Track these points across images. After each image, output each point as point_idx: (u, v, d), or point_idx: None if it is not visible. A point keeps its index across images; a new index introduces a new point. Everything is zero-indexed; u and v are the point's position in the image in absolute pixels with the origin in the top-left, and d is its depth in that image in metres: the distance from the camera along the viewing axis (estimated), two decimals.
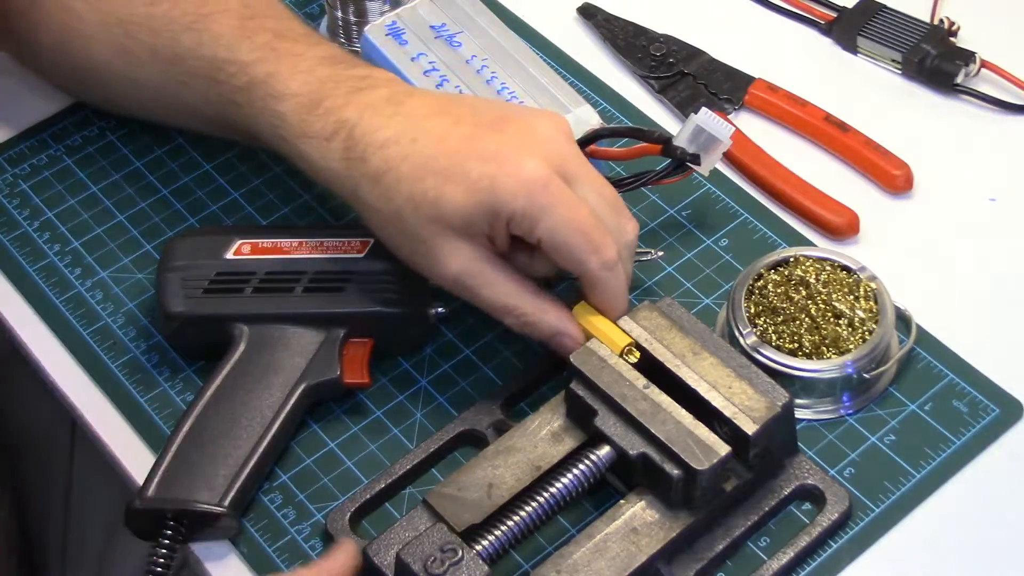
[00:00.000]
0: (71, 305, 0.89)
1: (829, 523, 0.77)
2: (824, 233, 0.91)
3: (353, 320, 0.83)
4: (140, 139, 0.98)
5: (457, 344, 0.87)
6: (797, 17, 1.04)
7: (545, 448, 0.77)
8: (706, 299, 0.88)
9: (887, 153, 0.93)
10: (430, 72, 0.93)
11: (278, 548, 0.79)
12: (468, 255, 0.78)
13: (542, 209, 0.76)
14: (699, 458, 0.73)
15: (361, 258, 0.84)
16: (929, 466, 0.80)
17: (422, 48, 0.95)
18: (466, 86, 0.92)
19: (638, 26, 1.02)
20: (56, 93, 1.00)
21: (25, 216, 0.94)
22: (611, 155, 0.90)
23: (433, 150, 0.78)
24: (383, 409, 0.84)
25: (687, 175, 0.87)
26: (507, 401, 0.83)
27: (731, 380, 0.76)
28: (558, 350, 0.80)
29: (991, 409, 0.82)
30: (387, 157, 0.78)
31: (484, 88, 0.92)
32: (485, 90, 0.92)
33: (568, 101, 0.91)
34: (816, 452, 0.81)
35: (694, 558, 0.76)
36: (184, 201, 0.95)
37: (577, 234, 0.77)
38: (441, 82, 0.93)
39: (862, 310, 0.83)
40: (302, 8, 1.05)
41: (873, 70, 1.00)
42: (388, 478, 0.80)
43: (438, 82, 0.93)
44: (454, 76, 0.93)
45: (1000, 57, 0.98)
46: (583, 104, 0.91)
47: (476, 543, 0.73)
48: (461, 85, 0.92)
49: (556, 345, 0.80)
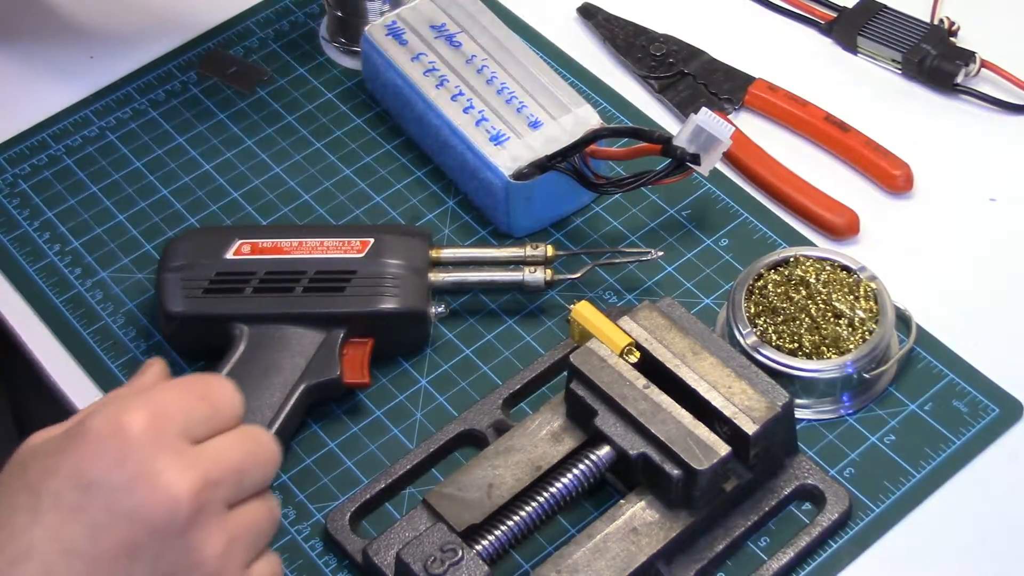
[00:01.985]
0: (71, 305, 0.89)
1: (829, 523, 0.77)
2: (824, 233, 0.91)
3: (353, 320, 0.83)
4: (140, 139, 0.98)
5: (457, 344, 0.87)
6: (797, 17, 1.04)
7: (545, 448, 0.77)
8: (706, 299, 0.88)
9: (887, 153, 0.93)
10: (430, 72, 0.93)
11: (278, 548, 0.79)
12: None
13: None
14: (699, 458, 0.73)
15: (361, 258, 0.84)
16: (929, 466, 0.80)
17: (422, 48, 0.95)
18: (466, 86, 0.92)
19: (638, 26, 1.02)
20: (56, 93, 1.00)
21: (25, 216, 0.94)
22: (611, 155, 0.90)
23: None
24: (383, 409, 0.84)
25: (687, 175, 0.87)
26: (507, 401, 0.83)
27: (731, 380, 0.76)
28: None
29: (991, 409, 0.82)
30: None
31: (485, 87, 0.92)
32: (486, 89, 0.92)
33: (568, 101, 0.91)
34: (816, 452, 0.81)
35: (694, 558, 0.76)
36: (184, 201, 0.95)
37: None
38: (441, 82, 0.93)
39: (862, 310, 0.83)
40: (302, 8, 1.05)
41: (873, 70, 1.00)
42: (388, 478, 0.80)
43: (438, 82, 0.93)
44: (454, 76, 0.93)
45: (1000, 57, 0.98)
46: (583, 104, 0.91)
47: (476, 543, 0.73)
48: (461, 85, 0.92)
49: None
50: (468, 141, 0.90)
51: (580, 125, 0.90)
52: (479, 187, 0.91)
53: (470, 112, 0.91)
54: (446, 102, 0.92)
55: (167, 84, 1.01)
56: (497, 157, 0.89)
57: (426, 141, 0.95)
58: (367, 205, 0.94)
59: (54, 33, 1.05)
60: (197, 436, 0.63)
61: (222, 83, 1.01)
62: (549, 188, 0.89)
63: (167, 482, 0.60)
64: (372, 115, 0.99)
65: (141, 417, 0.61)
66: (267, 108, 1.00)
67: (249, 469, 0.64)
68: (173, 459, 0.61)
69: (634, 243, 0.91)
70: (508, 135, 0.90)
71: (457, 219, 0.93)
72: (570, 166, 0.88)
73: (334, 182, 0.95)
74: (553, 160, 0.88)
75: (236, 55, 1.03)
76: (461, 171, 0.92)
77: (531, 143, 0.89)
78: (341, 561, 0.78)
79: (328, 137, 0.98)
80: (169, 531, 0.61)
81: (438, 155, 0.94)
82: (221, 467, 0.62)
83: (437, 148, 0.94)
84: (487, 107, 0.91)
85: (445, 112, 0.92)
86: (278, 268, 0.84)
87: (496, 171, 0.89)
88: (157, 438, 0.61)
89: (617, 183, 0.89)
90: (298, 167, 0.96)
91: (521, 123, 0.90)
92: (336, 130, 0.98)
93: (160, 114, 1.00)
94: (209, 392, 0.65)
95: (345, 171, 0.96)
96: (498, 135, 0.90)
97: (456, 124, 0.91)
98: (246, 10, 1.06)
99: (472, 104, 0.92)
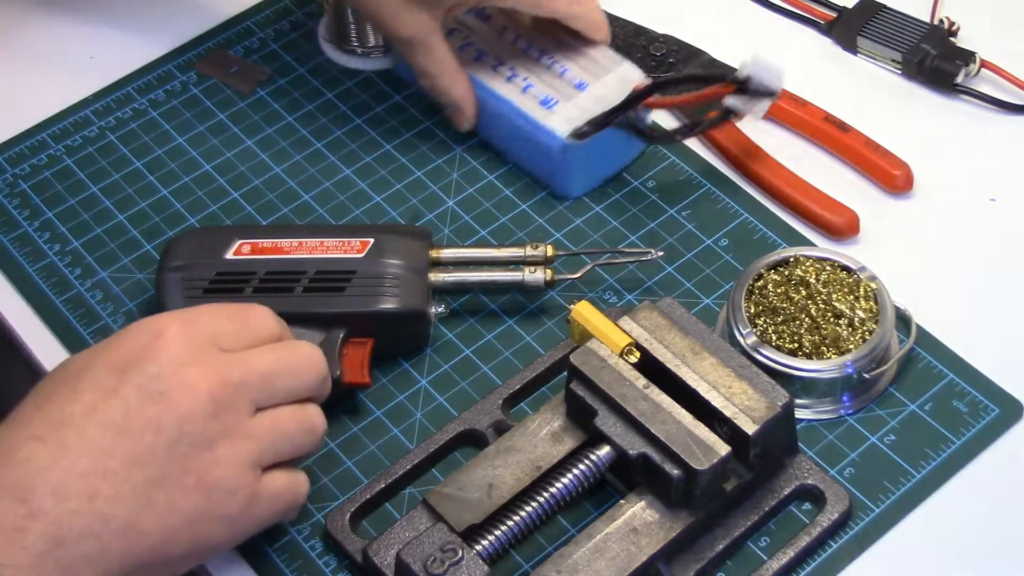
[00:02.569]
0: (71, 305, 0.89)
1: (829, 523, 0.77)
2: (824, 233, 0.91)
3: (353, 320, 0.83)
4: (140, 139, 0.98)
5: (457, 344, 0.87)
6: (797, 17, 1.04)
7: (545, 448, 0.77)
8: (706, 299, 0.88)
9: (887, 153, 0.93)
10: (466, 47, 0.95)
11: (278, 548, 0.79)
12: (423, 25, 0.90)
13: None
14: (699, 458, 0.73)
15: (361, 258, 0.84)
16: (929, 466, 0.80)
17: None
18: (505, 56, 0.94)
19: (638, 26, 1.02)
20: (56, 93, 1.00)
21: (25, 216, 0.94)
22: (676, 102, 0.91)
23: None
24: (383, 409, 0.84)
25: (740, 119, 0.90)
26: (507, 401, 0.83)
27: (731, 380, 0.76)
28: (451, 118, 0.95)
29: (991, 409, 0.82)
30: None
31: (523, 56, 0.94)
32: (524, 58, 0.94)
33: (608, 61, 0.93)
34: (816, 452, 0.81)
35: (694, 558, 0.76)
36: (184, 201, 0.95)
37: None
38: (479, 55, 0.95)
39: (862, 310, 0.83)
40: (302, 8, 1.05)
41: (873, 70, 1.00)
42: (388, 478, 0.80)
43: (476, 55, 0.95)
44: (491, 48, 0.95)
45: (1000, 57, 0.98)
46: (624, 62, 0.93)
47: (476, 543, 0.73)
48: (501, 56, 0.94)
49: (450, 114, 0.95)
50: (518, 109, 0.92)
51: (625, 82, 0.91)
52: (533, 152, 0.93)
53: (514, 81, 0.93)
54: (489, 74, 0.94)
55: (167, 84, 1.01)
56: (550, 120, 0.90)
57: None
58: (367, 205, 0.94)
59: (54, 33, 1.05)
60: (225, 346, 0.71)
61: (222, 83, 1.01)
62: (602, 146, 0.91)
63: (191, 377, 0.69)
64: (372, 115, 0.99)
65: (174, 323, 0.70)
66: (267, 108, 1.00)
67: (281, 374, 0.72)
68: (199, 358, 0.70)
69: (634, 243, 0.91)
70: (556, 99, 0.91)
71: (457, 219, 0.93)
72: (625, 120, 0.90)
73: (334, 182, 0.95)
74: (612, 116, 0.90)
75: (236, 55, 1.03)
76: (512, 140, 0.94)
77: (580, 104, 0.91)
78: (341, 561, 0.78)
79: (328, 137, 0.98)
80: (190, 419, 0.68)
81: (485, 128, 0.96)
82: (244, 370, 0.70)
83: (484, 120, 0.95)
84: (530, 74, 0.93)
85: (490, 84, 0.93)
86: (278, 268, 0.84)
87: (551, 134, 0.90)
88: (188, 341, 0.70)
89: (670, 134, 0.90)
90: (298, 167, 0.96)
91: (567, 86, 0.92)
92: (336, 130, 0.98)
93: (160, 114, 1.00)
94: (240, 312, 0.73)
95: (345, 171, 0.96)
96: (547, 99, 0.91)
97: (503, 94, 0.93)
98: (246, 10, 1.06)
99: (515, 73, 0.93)
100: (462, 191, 0.94)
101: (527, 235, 0.92)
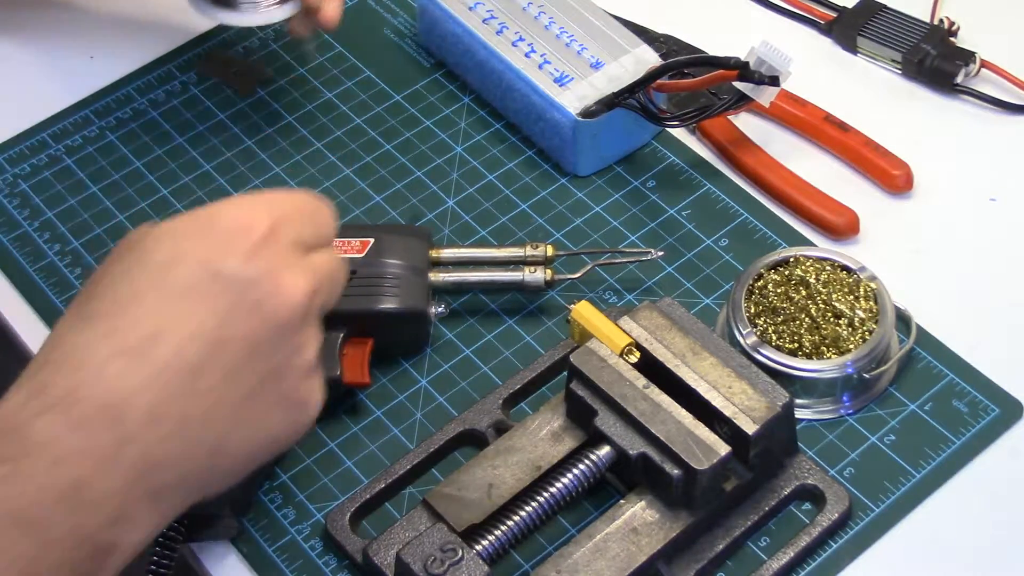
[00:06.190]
0: None
1: (829, 523, 0.77)
2: (824, 233, 0.91)
3: (353, 320, 0.83)
4: (140, 139, 0.98)
5: (457, 344, 0.87)
6: (797, 17, 1.04)
7: (545, 448, 0.77)
8: (706, 299, 0.88)
9: (887, 153, 0.93)
10: (489, 20, 0.96)
11: (278, 548, 0.79)
12: None
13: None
14: (699, 458, 0.73)
15: (361, 258, 0.84)
16: (929, 466, 0.80)
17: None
18: (525, 32, 0.95)
19: (638, 26, 1.02)
20: (56, 93, 1.00)
21: (25, 216, 0.94)
22: (683, 86, 0.91)
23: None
24: (383, 409, 0.84)
25: (749, 105, 0.90)
26: (507, 401, 0.83)
27: (731, 380, 0.76)
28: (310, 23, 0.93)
29: (991, 409, 0.82)
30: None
31: (543, 32, 0.95)
32: (544, 34, 0.95)
33: (625, 42, 0.94)
34: (816, 452, 0.81)
35: (694, 558, 0.76)
36: (184, 201, 0.95)
37: None
38: (500, 29, 0.96)
39: (862, 310, 0.83)
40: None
41: (873, 70, 1.00)
42: (388, 478, 0.80)
43: (497, 29, 0.96)
44: (512, 23, 0.96)
45: (1000, 57, 0.98)
46: (641, 44, 0.94)
47: (476, 543, 0.73)
48: (521, 31, 0.95)
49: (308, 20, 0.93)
50: (533, 84, 0.93)
51: (640, 64, 0.93)
52: (545, 128, 0.94)
53: (532, 56, 0.94)
54: (508, 48, 0.95)
55: (167, 84, 1.01)
56: (563, 97, 0.92)
57: (488, 88, 0.98)
58: (367, 205, 0.94)
59: (54, 33, 1.05)
60: (307, 247, 0.66)
61: (222, 83, 1.01)
62: (614, 125, 0.92)
63: (289, 283, 0.64)
64: (372, 115, 0.99)
65: (266, 219, 0.65)
66: (267, 108, 1.00)
67: (339, 281, 0.69)
68: (294, 262, 0.65)
69: (634, 243, 0.91)
70: (571, 76, 0.93)
71: (457, 219, 0.93)
72: (636, 102, 0.90)
73: (334, 182, 0.95)
74: (621, 96, 0.90)
75: (236, 55, 1.03)
76: (526, 114, 0.95)
77: (594, 83, 0.92)
78: (341, 561, 0.78)
79: (328, 137, 0.98)
80: (286, 328, 0.64)
81: (500, 101, 0.97)
82: (321, 277, 0.66)
83: (500, 94, 0.96)
84: (548, 50, 0.94)
85: (508, 57, 0.94)
86: None
87: (563, 111, 0.91)
88: (280, 243, 0.65)
89: (682, 116, 0.90)
90: (298, 167, 0.96)
91: (582, 65, 0.93)
92: (336, 130, 0.98)
93: (160, 114, 1.00)
94: (318, 213, 0.68)
95: (345, 171, 0.96)
96: (562, 76, 0.93)
97: (519, 68, 0.94)
98: None
99: (533, 48, 0.94)
100: (462, 191, 0.94)
101: (527, 235, 0.92)
